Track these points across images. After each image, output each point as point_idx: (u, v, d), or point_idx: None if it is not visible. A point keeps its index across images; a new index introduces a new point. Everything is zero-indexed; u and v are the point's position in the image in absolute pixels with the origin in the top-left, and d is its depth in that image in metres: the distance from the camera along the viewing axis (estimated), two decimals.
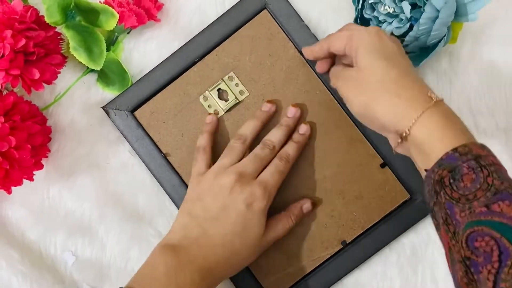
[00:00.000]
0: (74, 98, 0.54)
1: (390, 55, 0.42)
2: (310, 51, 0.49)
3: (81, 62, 0.54)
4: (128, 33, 0.54)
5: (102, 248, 0.54)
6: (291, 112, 0.50)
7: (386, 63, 0.41)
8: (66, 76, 0.54)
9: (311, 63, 0.51)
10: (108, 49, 0.53)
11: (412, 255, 0.53)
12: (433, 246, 0.53)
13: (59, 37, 0.50)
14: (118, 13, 0.51)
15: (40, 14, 0.49)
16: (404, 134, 0.39)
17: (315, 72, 0.51)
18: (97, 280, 0.54)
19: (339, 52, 0.45)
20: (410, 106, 0.39)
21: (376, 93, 0.41)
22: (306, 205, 0.50)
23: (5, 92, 0.50)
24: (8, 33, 0.44)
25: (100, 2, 0.52)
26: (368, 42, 0.42)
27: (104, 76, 0.54)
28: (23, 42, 0.44)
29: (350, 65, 0.45)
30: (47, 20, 0.48)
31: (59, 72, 0.50)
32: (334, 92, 0.51)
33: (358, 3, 0.49)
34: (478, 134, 0.53)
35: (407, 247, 0.53)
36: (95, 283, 0.54)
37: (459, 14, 0.47)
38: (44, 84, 0.49)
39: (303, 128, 0.50)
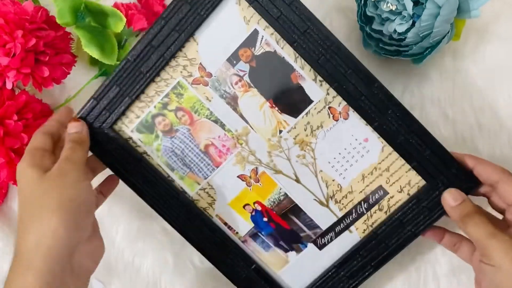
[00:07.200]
0: (83, 97, 0.55)
1: None
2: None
3: (90, 64, 0.55)
4: (136, 36, 0.55)
5: (111, 243, 0.55)
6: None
7: None
8: (76, 77, 0.55)
9: None
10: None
11: (414, 253, 0.53)
12: (436, 244, 0.53)
13: (69, 37, 0.51)
14: (127, 16, 0.52)
15: (50, 14, 0.50)
16: None
17: None
18: (106, 274, 0.55)
19: None
20: None
21: None
22: None
23: (17, 91, 0.51)
24: (19, 33, 0.45)
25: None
26: None
27: None
28: (33, 41, 0.45)
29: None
30: (58, 21, 0.49)
31: (69, 72, 0.51)
32: None
33: (361, 1, 0.49)
34: (481, 134, 0.53)
35: (410, 245, 0.53)
36: (104, 277, 0.55)
37: (461, 10, 0.47)
38: (54, 83, 0.50)
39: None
